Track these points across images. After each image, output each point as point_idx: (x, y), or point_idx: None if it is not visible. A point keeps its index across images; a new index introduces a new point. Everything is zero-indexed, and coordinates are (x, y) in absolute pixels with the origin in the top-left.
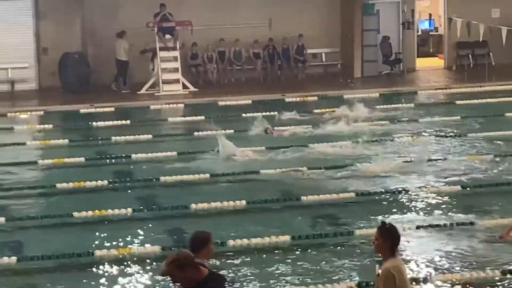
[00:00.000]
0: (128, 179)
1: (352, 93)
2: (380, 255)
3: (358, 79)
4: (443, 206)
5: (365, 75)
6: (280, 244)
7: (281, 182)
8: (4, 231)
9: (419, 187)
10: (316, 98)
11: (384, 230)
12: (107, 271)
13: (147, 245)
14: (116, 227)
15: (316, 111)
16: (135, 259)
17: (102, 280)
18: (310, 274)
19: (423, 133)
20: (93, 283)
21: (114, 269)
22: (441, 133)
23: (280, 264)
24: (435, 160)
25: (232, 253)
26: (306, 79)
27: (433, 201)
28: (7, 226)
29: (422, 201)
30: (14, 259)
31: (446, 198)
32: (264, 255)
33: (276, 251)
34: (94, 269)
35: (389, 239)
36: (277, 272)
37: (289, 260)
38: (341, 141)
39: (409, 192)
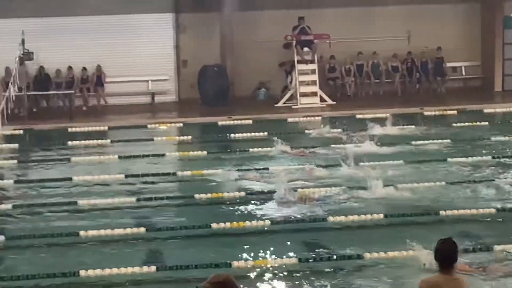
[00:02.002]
0: (265, 191)
1: (493, 107)
2: None
3: (499, 93)
4: None
5: (506, 89)
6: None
7: (419, 196)
8: (144, 240)
9: None
10: (455, 112)
11: (436, 244)
12: (244, 282)
13: (284, 257)
14: (253, 239)
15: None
16: (272, 270)
17: None
18: None
19: None
20: None
21: (252, 281)
22: None
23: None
24: None
25: (369, 266)
26: (446, 93)
27: None
28: (147, 236)
29: None
30: (153, 268)
31: None
32: (402, 269)
33: (414, 266)
34: None
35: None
36: (414, 286)
37: (429, 274)
38: (479, 156)
39: None
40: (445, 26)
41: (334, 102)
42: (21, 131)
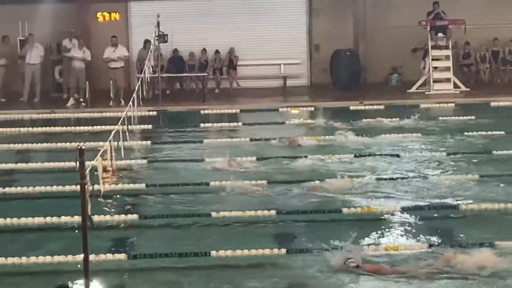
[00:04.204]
0: (393, 177)
1: None
2: None
3: None
4: None
5: None
6: None
7: None
8: (274, 223)
9: None
10: None
11: None
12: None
13: (414, 243)
14: (384, 224)
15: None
16: (403, 256)
17: (368, 277)
18: None
19: None
20: (361, 279)
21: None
22: None
23: None
24: None
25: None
26: None
27: None
28: (277, 219)
29: None
30: (283, 250)
31: None
32: None
33: None
34: None
35: None
36: None
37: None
38: None
39: None
40: None
41: (468, 89)
42: (155, 113)
